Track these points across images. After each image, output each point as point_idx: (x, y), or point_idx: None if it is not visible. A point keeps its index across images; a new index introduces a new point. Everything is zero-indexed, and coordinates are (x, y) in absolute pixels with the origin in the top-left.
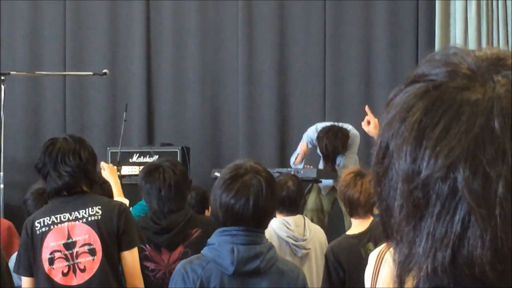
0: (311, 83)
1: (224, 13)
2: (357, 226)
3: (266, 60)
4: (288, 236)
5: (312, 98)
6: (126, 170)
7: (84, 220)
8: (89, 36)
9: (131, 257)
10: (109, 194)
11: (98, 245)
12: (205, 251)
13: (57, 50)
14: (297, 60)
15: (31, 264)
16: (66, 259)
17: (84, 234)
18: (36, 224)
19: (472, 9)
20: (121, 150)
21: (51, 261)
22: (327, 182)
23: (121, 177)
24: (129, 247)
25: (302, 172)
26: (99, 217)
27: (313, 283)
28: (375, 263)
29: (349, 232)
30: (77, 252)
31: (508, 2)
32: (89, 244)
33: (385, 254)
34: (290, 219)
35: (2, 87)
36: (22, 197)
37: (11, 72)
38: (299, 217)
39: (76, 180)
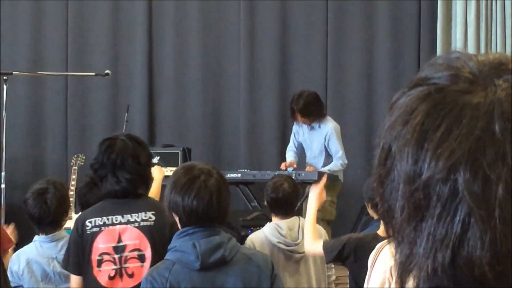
0: (313, 85)
1: (226, 14)
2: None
3: (268, 62)
4: (279, 242)
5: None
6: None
7: (137, 224)
8: (91, 37)
9: None
10: None
11: (148, 252)
12: (168, 255)
13: (59, 50)
14: (299, 62)
15: (80, 262)
16: (114, 262)
17: (135, 239)
18: (87, 223)
19: (472, 12)
20: None
21: (99, 263)
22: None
23: None
24: None
25: (303, 174)
26: (152, 222)
27: (312, 286)
28: (374, 255)
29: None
30: (126, 256)
31: (507, 3)
32: (139, 250)
33: (384, 247)
34: (283, 223)
35: (5, 87)
36: (23, 197)
37: (14, 72)
38: (293, 219)
39: (134, 185)
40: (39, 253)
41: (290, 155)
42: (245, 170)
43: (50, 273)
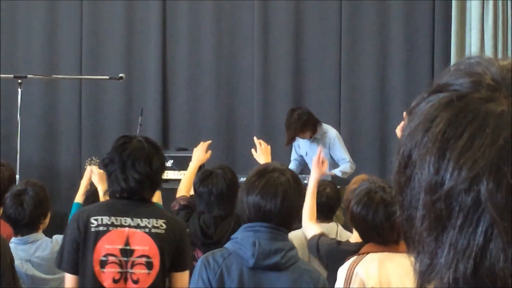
0: (326, 89)
1: (240, 16)
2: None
3: (281, 64)
4: None
5: (327, 104)
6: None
7: (147, 230)
8: (105, 41)
9: (183, 280)
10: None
11: (156, 260)
12: (227, 244)
13: (74, 54)
14: (312, 65)
15: (77, 260)
16: (120, 265)
17: (144, 245)
18: (92, 221)
19: (489, 17)
20: None
21: (103, 264)
22: None
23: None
24: (183, 268)
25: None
26: (163, 231)
27: None
28: (346, 277)
29: (352, 240)
30: (133, 261)
31: None
32: (148, 257)
33: (355, 269)
34: (323, 228)
35: (19, 90)
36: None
37: (28, 76)
38: (332, 225)
39: (142, 187)
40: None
41: (292, 166)
42: None
43: (22, 276)
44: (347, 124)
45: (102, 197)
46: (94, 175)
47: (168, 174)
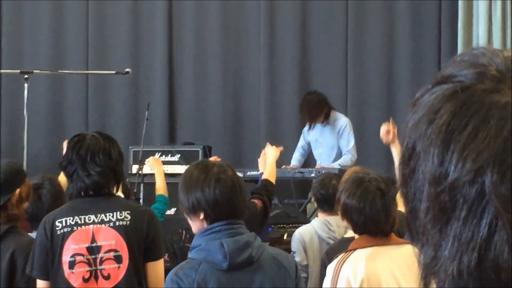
0: (333, 82)
1: (246, 12)
2: None
3: (288, 59)
4: (328, 237)
5: (334, 97)
6: (148, 169)
7: (112, 224)
8: (111, 35)
9: (156, 269)
10: (128, 193)
11: (125, 252)
12: (192, 254)
13: (80, 49)
14: (319, 60)
15: (47, 266)
16: (89, 264)
17: (110, 239)
18: (57, 223)
19: (497, 9)
20: (143, 149)
21: (72, 265)
22: None
23: (142, 176)
24: (156, 258)
25: (323, 171)
26: (128, 222)
27: None
28: (332, 276)
29: (347, 235)
30: (101, 257)
31: None
32: (115, 251)
33: (342, 267)
34: (332, 219)
35: (26, 85)
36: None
37: (34, 71)
38: (339, 217)
39: (106, 180)
40: None
41: (296, 156)
42: None
43: None
44: (354, 117)
45: (159, 181)
46: (148, 162)
47: (175, 169)
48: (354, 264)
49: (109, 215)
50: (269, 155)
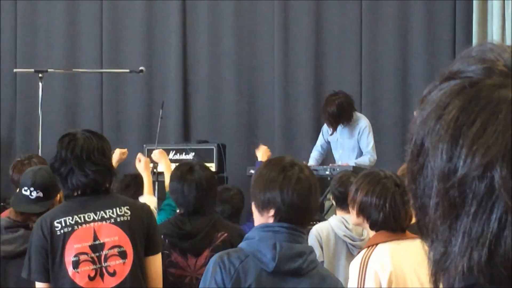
0: (348, 79)
1: (260, 9)
2: None
3: (302, 57)
4: (345, 235)
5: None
6: (163, 167)
7: (112, 220)
8: (125, 34)
9: (156, 263)
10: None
11: (129, 248)
12: (243, 245)
13: (94, 47)
14: (333, 57)
15: (47, 267)
16: (93, 262)
17: (113, 236)
18: (56, 224)
19: (510, 5)
20: (158, 147)
21: (76, 264)
22: None
23: (157, 174)
24: (155, 251)
25: (338, 169)
26: (129, 218)
27: None
28: (360, 271)
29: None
30: (106, 254)
31: None
32: (120, 246)
33: (369, 261)
34: (349, 218)
35: (40, 84)
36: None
37: (49, 70)
38: None
39: (103, 177)
40: None
41: (314, 155)
42: None
43: None
44: (368, 114)
45: (146, 185)
46: (138, 162)
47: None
48: (381, 258)
49: (109, 211)
50: (261, 156)
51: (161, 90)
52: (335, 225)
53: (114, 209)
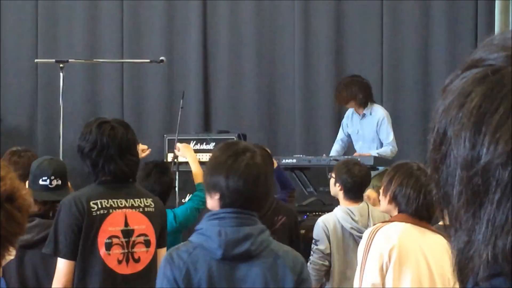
0: (368, 69)
1: None
2: None
3: (322, 46)
4: (352, 228)
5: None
6: (189, 160)
7: (141, 210)
8: (146, 24)
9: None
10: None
11: (153, 237)
12: (192, 237)
13: (115, 37)
14: (354, 45)
15: (76, 245)
16: (122, 246)
17: (141, 224)
18: (92, 204)
19: None
20: (178, 137)
21: (108, 246)
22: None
23: (178, 164)
24: (164, 245)
25: (359, 159)
26: (153, 210)
27: None
28: (367, 240)
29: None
30: (134, 241)
31: None
32: (145, 235)
33: (377, 232)
34: (355, 209)
35: (61, 74)
36: (80, 183)
37: (70, 60)
38: (363, 205)
39: (136, 168)
40: None
41: (336, 148)
42: (301, 155)
43: None
44: (389, 102)
45: (194, 166)
46: (177, 151)
47: (209, 157)
48: (389, 232)
49: (137, 201)
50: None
51: (182, 80)
52: (341, 217)
53: (141, 199)
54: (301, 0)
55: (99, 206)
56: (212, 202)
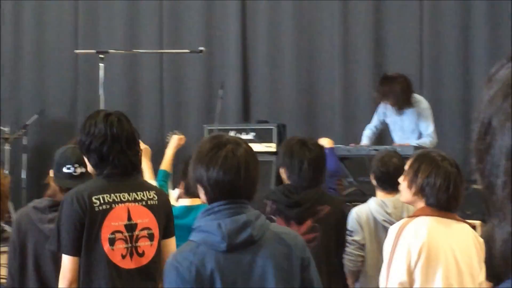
0: (408, 60)
1: None
2: None
3: (362, 37)
4: (384, 220)
5: (408, 76)
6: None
7: (144, 203)
8: (185, 14)
9: (171, 245)
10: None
11: (156, 231)
12: (192, 236)
13: (154, 28)
14: (393, 37)
15: (80, 241)
16: (126, 241)
17: (144, 218)
18: (94, 200)
19: None
20: (218, 128)
21: (112, 242)
22: None
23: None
24: (172, 234)
25: (399, 149)
26: (156, 202)
27: None
28: (395, 237)
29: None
30: (137, 235)
31: None
32: (149, 229)
33: (405, 228)
34: (389, 201)
35: (101, 65)
36: None
37: (110, 51)
38: (398, 197)
39: (140, 160)
40: None
41: (367, 134)
42: (340, 145)
43: None
44: (429, 94)
45: (147, 173)
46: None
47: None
48: (417, 228)
49: (140, 194)
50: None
51: (221, 70)
52: (374, 209)
53: (144, 192)
54: None
55: (102, 201)
56: (202, 195)
